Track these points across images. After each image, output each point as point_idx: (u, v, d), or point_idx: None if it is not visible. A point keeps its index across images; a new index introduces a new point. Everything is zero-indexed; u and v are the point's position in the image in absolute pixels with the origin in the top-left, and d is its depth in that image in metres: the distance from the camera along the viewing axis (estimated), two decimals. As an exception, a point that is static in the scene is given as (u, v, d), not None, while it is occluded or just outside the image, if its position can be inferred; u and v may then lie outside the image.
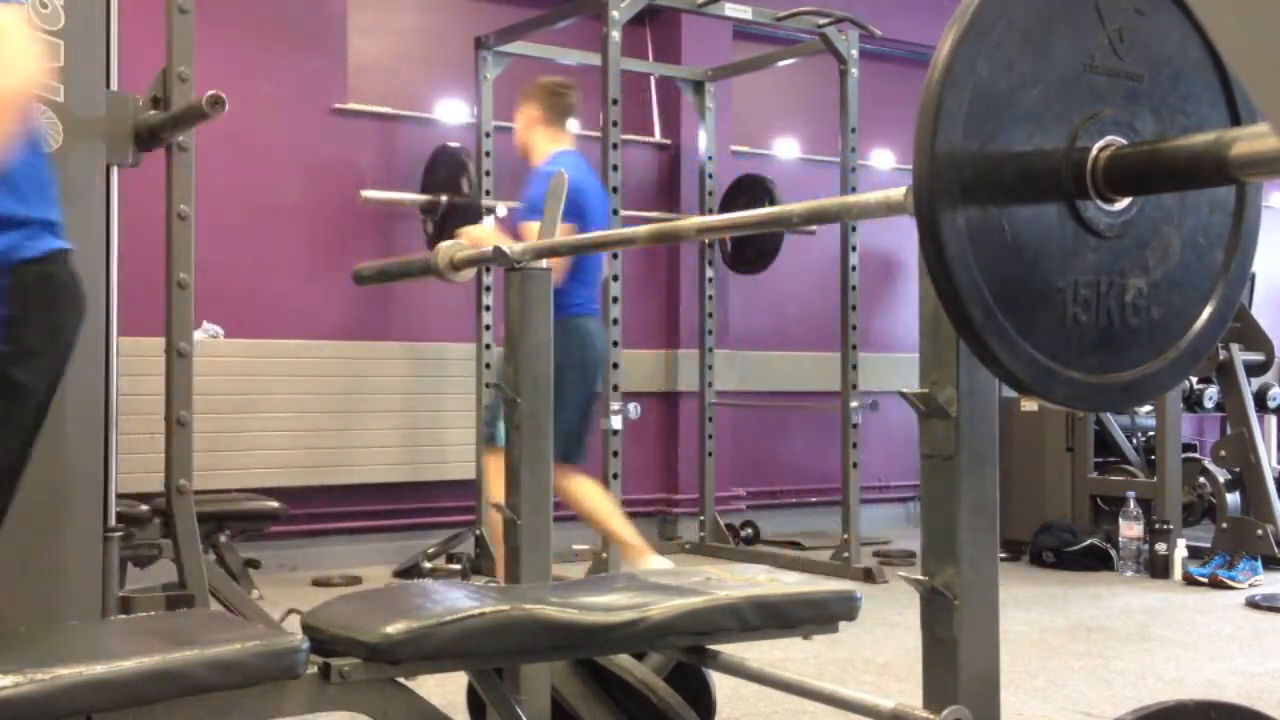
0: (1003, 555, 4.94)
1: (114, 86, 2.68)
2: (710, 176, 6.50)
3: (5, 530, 2.04)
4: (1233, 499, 5.75)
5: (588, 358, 4.48)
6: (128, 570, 3.89)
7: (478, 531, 5.64)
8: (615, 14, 5.13)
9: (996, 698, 1.70)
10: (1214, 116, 1.58)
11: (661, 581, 2.24)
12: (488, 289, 5.76)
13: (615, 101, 5.15)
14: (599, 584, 2.27)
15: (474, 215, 5.55)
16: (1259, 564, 5.32)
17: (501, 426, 4.73)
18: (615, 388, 5.03)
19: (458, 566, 5.43)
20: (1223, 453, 5.82)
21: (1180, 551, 5.45)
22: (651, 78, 6.73)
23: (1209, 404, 6.01)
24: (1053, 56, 1.45)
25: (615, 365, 5.05)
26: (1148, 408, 5.84)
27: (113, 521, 2.67)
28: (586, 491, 4.55)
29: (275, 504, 4.76)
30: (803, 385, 6.93)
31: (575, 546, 5.63)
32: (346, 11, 5.97)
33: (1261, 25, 0.70)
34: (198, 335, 4.68)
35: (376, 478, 5.68)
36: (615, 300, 5.11)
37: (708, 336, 6.47)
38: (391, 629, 1.79)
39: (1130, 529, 5.58)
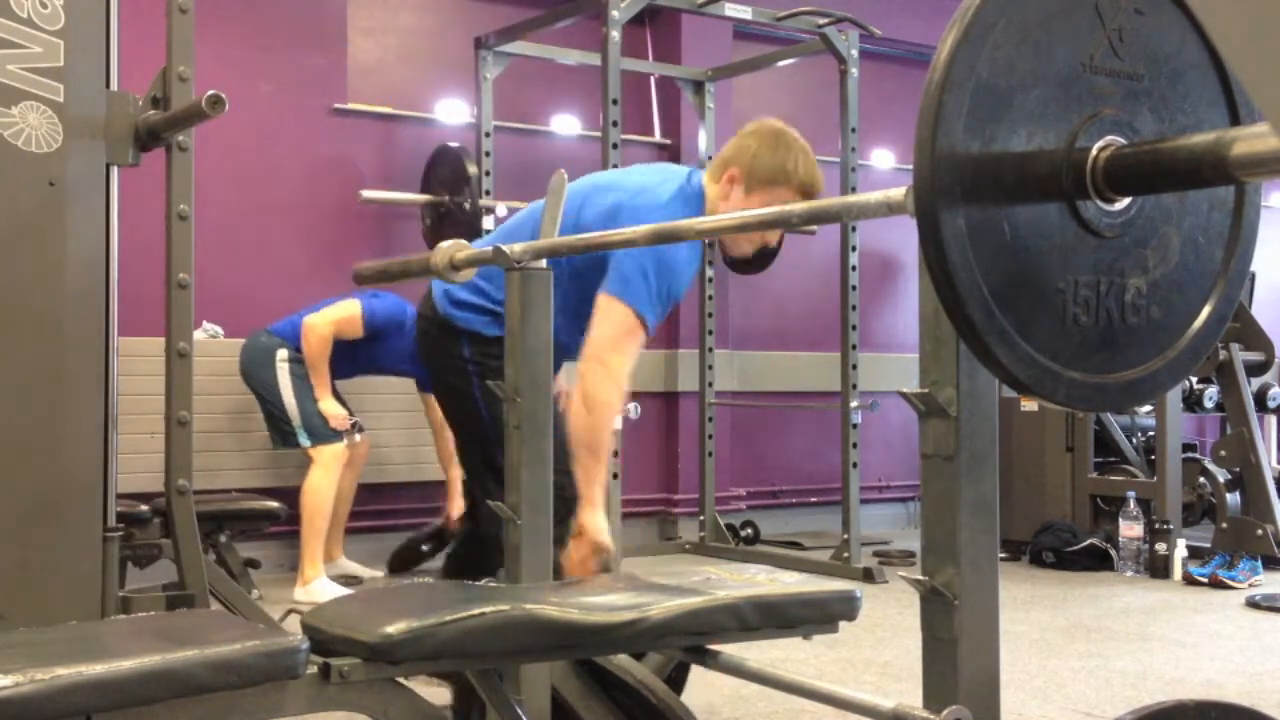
0: (1003, 555, 4.95)
1: (114, 86, 2.68)
2: (710, 176, 6.49)
3: (5, 530, 2.04)
4: (1233, 499, 5.76)
5: None
6: (128, 570, 3.89)
7: (478, 531, 5.64)
8: (615, 14, 5.13)
9: (996, 698, 1.70)
10: (1214, 116, 1.58)
11: (659, 581, 2.24)
12: (488, 289, 5.75)
13: (615, 101, 5.15)
14: (599, 584, 2.27)
15: (473, 215, 5.54)
16: (1259, 564, 5.32)
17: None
18: (615, 388, 5.02)
19: (458, 566, 5.42)
20: (1223, 453, 5.82)
21: (1180, 551, 5.45)
22: (651, 78, 6.73)
23: (1209, 404, 6.01)
24: (1053, 56, 1.45)
25: (615, 365, 5.04)
26: (1148, 408, 5.84)
27: (113, 521, 2.66)
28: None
29: (275, 504, 4.77)
30: (803, 385, 6.93)
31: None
32: (346, 11, 5.97)
33: (1261, 25, 0.70)
34: (198, 335, 4.69)
35: (376, 478, 5.68)
36: (615, 300, 5.10)
37: (708, 336, 6.47)
38: (391, 629, 1.79)
39: (1130, 529, 5.58)
